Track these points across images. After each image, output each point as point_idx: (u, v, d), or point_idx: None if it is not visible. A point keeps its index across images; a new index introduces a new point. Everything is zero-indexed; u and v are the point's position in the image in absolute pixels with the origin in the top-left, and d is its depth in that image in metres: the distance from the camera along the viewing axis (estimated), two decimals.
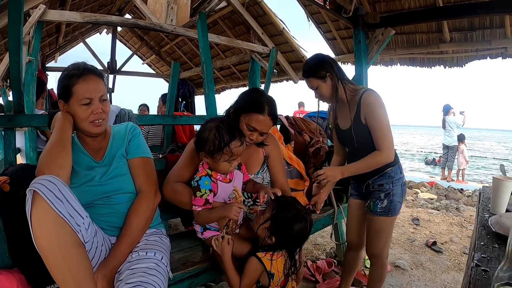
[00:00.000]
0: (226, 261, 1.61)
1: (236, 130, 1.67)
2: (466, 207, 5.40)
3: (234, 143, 1.61)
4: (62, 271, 1.17)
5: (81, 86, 1.45)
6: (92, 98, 1.47)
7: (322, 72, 2.04)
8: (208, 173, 1.68)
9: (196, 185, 1.65)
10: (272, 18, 5.43)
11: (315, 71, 2.05)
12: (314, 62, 2.10)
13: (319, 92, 2.08)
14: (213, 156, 1.61)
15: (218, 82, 8.18)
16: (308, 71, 2.08)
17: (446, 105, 9.10)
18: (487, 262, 1.20)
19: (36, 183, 1.19)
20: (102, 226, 1.52)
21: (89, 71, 1.49)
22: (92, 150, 1.60)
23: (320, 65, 2.06)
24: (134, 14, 7.26)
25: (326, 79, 2.04)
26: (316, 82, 2.06)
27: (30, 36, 3.34)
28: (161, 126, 4.08)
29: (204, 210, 1.64)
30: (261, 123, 1.79)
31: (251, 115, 1.78)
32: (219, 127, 1.63)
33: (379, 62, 4.79)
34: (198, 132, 1.73)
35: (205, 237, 1.81)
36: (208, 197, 1.64)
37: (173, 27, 3.89)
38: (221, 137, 1.60)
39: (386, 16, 3.46)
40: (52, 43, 6.80)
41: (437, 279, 2.94)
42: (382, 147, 1.97)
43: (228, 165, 1.65)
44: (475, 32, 3.81)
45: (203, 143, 1.63)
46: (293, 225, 1.62)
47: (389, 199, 2.06)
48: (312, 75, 2.06)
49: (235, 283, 1.62)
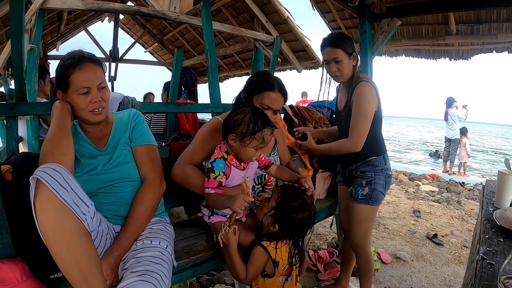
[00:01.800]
0: (232, 251, 1.61)
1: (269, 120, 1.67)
2: (467, 200, 5.41)
3: (266, 130, 1.62)
4: (67, 260, 1.16)
5: (78, 75, 1.42)
6: (90, 87, 1.44)
7: (351, 48, 2.05)
8: (224, 156, 1.66)
9: (210, 166, 1.63)
10: (277, 7, 5.38)
11: (345, 44, 2.03)
12: (346, 36, 2.09)
13: (338, 67, 2.06)
14: (243, 140, 1.59)
15: (221, 70, 8.12)
16: (337, 41, 2.05)
17: (449, 98, 9.04)
18: (493, 255, 1.20)
19: (40, 171, 1.18)
20: (106, 215, 1.51)
21: (85, 59, 1.45)
22: (94, 138, 1.59)
23: (351, 42, 2.06)
24: (137, 1, 7.19)
25: (351, 57, 2.05)
26: (342, 55, 2.03)
27: (32, 24, 3.31)
28: (163, 115, 4.06)
29: (215, 194, 1.62)
30: (273, 100, 1.83)
31: (262, 93, 1.82)
32: (255, 112, 1.63)
33: (384, 53, 4.76)
34: (230, 113, 1.71)
35: (211, 222, 1.81)
36: (222, 180, 1.63)
37: (177, 14, 3.84)
38: (256, 121, 1.59)
39: (392, 7, 3.41)
40: (54, 31, 6.76)
41: (437, 271, 2.96)
42: (351, 134, 2.05)
43: (254, 152, 1.63)
44: (482, 25, 3.78)
45: (236, 124, 1.60)
46: (297, 214, 1.62)
47: (371, 187, 2.11)
48: (341, 46, 2.03)
49: (241, 272, 1.62)
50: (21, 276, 1.29)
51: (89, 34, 7.57)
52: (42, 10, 3.28)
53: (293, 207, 1.63)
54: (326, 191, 2.68)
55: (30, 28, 3.31)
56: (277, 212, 1.64)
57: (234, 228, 1.61)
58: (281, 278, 1.63)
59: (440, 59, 4.57)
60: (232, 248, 1.61)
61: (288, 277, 1.65)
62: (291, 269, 1.66)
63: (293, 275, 1.68)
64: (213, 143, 1.79)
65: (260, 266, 1.62)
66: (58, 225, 1.16)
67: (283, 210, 1.63)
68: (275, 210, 1.64)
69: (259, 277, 1.65)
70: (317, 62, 6.10)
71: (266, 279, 1.64)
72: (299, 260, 1.68)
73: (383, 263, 3.01)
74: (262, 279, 1.65)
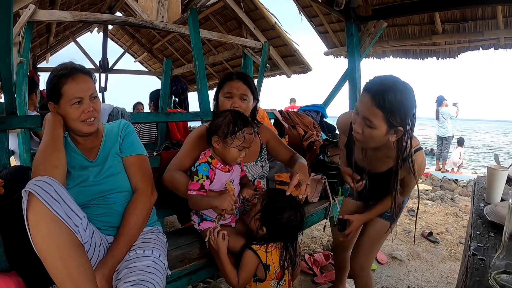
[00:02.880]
0: (222, 256, 1.62)
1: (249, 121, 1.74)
2: (461, 197, 5.44)
3: (247, 129, 1.67)
4: (61, 273, 1.16)
5: (70, 86, 1.44)
6: (82, 98, 1.47)
7: (398, 122, 1.47)
8: (208, 160, 1.72)
9: (194, 170, 1.69)
10: (264, 13, 5.41)
11: (395, 112, 1.45)
12: (405, 103, 1.45)
13: (367, 131, 1.53)
14: (225, 141, 1.65)
15: (210, 78, 8.15)
16: (384, 104, 1.44)
17: (439, 97, 9.13)
18: (484, 251, 1.21)
19: (31, 184, 1.18)
20: (99, 226, 1.50)
21: (77, 70, 1.48)
22: (85, 150, 1.59)
23: (407, 112, 1.47)
24: (125, 11, 7.20)
25: (392, 131, 1.52)
26: (379, 122, 1.48)
27: (21, 36, 3.31)
28: (153, 124, 4.05)
29: (197, 195, 1.65)
30: (233, 86, 1.92)
31: (223, 87, 1.95)
32: (235, 114, 1.70)
33: (371, 55, 4.81)
34: (212, 117, 1.79)
35: (201, 228, 1.83)
36: (204, 183, 1.67)
37: (165, 23, 3.86)
38: (236, 122, 1.66)
39: (378, 9, 3.45)
40: (43, 43, 6.75)
41: (434, 269, 2.96)
42: (407, 192, 1.82)
43: (238, 153, 1.68)
44: (467, 23, 3.84)
45: (218, 127, 1.67)
46: (282, 214, 1.62)
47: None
48: (386, 111, 1.45)
49: (233, 277, 1.62)
50: None
51: (78, 45, 7.58)
52: (30, 23, 3.28)
53: (278, 208, 1.64)
54: (319, 194, 2.69)
55: (19, 41, 3.32)
56: (263, 215, 1.65)
57: (223, 234, 1.62)
58: (273, 282, 1.63)
59: (427, 58, 4.62)
60: (222, 253, 1.62)
61: (280, 281, 1.65)
62: (283, 273, 1.66)
63: (286, 279, 1.68)
64: (201, 149, 1.83)
65: (251, 270, 1.62)
66: (51, 238, 1.15)
67: (269, 211, 1.64)
68: (261, 213, 1.66)
69: (252, 281, 1.65)
70: (305, 67, 6.14)
71: (258, 284, 1.64)
72: (291, 264, 1.68)
73: (379, 264, 3.01)
74: (255, 284, 1.65)
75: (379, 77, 1.53)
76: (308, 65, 6.10)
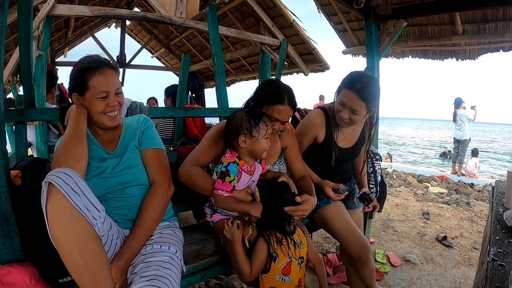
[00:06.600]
0: (236, 245, 1.64)
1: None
2: (477, 202, 5.35)
3: (265, 118, 1.72)
4: (77, 264, 1.17)
5: (98, 79, 1.45)
6: (109, 92, 1.48)
7: (374, 107, 2.00)
8: (236, 161, 1.70)
9: (225, 170, 1.67)
10: (282, 10, 5.39)
11: (372, 101, 1.95)
12: (376, 92, 1.97)
13: (353, 117, 1.98)
14: (252, 135, 1.66)
15: (228, 75, 8.15)
16: (367, 97, 1.92)
17: (457, 99, 8.96)
18: (503, 256, 1.19)
19: (52, 175, 1.18)
20: (116, 219, 1.52)
21: (105, 64, 1.49)
22: (104, 142, 1.61)
23: (377, 98, 1.99)
24: (143, 7, 7.25)
25: (368, 113, 2.02)
26: (363, 110, 1.96)
27: (40, 31, 3.36)
28: (170, 120, 4.08)
29: (231, 197, 1.67)
30: (282, 112, 1.84)
31: (272, 106, 1.82)
32: (247, 110, 1.74)
33: (390, 54, 4.76)
34: (226, 123, 1.76)
35: (213, 220, 1.85)
36: (236, 184, 1.68)
37: (183, 19, 3.87)
38: (251, 115, 1.68)
39: (398, 8, 3.41)
40: (61, 37, 6.83)
41: (447, 274, 2.92)
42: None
43: (266, 142, 1.70)
44: (488, 24, 3.76)
45: (237, 127, 1.67)
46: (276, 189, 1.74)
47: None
48: (368, 102, 1.93)
49: (246, 267, 1.63)
50: (30, 280, 1.30)
51: (96, 40, 7.65)
52: (49, 17, 3.32)
53: (271, 182, 1.78)
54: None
55: (38, 35, 3.36)
56: (261, 192, 1.75)
57: (237, 223, 1.66)
58: (278, 276, 1.64)
59: (447, 59, 4.55)
60: (237, 242, 1.64)
61: (286, 276, 1.66)
62: (291, 269, 1.67)
63: (294, 277, 1.67)
64: (220, 146, 1.83)
65: (263, 258, 1.64)
66: (69, 229, 1.16)
67: (264, 188, 1.76)
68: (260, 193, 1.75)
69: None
70: (323, 65, 6.09)
71: (263, 275, 1.66)
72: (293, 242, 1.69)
73: (392, 266, 2.99)
74: (260, 275, 1.68)
75: (355, 74, 1.99)
76: (326, 64, 6.05)
